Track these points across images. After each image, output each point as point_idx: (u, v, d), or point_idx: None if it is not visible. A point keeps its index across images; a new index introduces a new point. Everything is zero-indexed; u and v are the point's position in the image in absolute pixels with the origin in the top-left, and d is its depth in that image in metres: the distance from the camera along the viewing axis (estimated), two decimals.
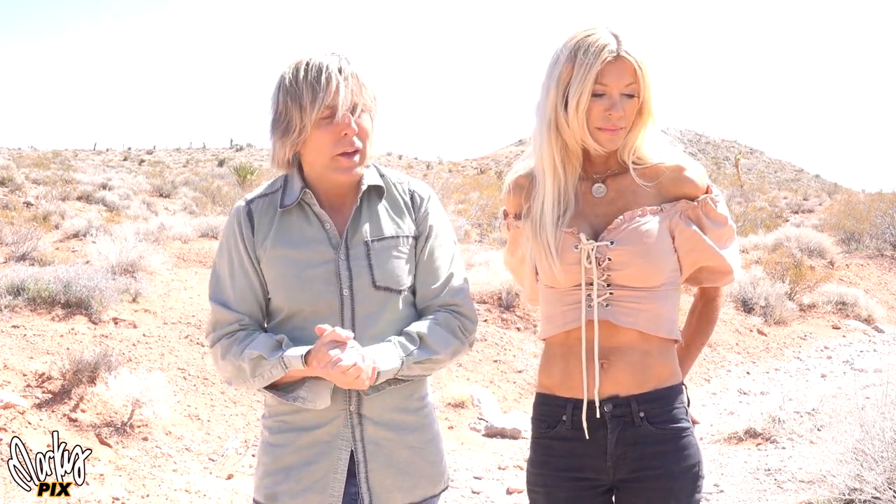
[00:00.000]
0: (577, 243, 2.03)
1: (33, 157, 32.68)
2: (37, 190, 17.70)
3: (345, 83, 1.99)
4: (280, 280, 2.06)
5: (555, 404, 2.09)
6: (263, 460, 2.12)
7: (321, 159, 2.04)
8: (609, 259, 2.01)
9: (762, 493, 5.08)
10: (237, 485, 5.23)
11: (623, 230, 2.02)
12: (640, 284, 2.03)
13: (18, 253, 10.14)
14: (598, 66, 1.94)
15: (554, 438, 2.08)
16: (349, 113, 2.00)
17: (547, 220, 2.05)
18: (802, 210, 27.93)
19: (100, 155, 59.47)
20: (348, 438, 2.06)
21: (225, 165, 44.43)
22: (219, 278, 2.13)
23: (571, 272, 2.03)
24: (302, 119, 1.99)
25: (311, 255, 2.06)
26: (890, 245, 15.66)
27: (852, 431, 4.31)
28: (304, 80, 1.99)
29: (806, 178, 62.73)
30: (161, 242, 11.24)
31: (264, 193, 2.15)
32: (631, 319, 2.02)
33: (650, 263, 2.02)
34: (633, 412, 2.01)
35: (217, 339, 2.09)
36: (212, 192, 21.67)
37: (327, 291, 2.05)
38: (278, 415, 2.10)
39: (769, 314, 10.96)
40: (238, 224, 2.11)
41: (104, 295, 7.15)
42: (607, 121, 1.98)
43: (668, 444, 2.03)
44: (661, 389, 2.04)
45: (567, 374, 2.06)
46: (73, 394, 5.63)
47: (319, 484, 2.04)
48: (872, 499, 3.94)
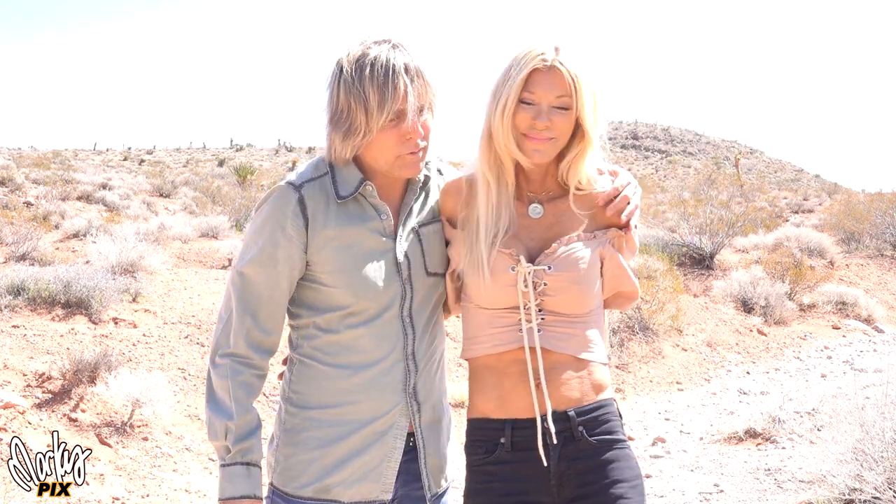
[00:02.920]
0: (513, 265, 1.99)
1: (33, 157, 32.69)
2: (37, 190, 17.70)
3: (412, 85, 1.91)
4: (345, 275, 1.99)
5: (491, 428, 2.02)
6: (308, 455, 2.02)
7: (385, 157, 1.98)
8: (545, 284, 1.99)
9: (762, 493, 5.09)
10: None
11: (560, 256, 2.01)
12: (570, 311, 2.01)
13: (18, 253, 10.14)
14: (527, 71, 1.92)
15: (494, 464, 2.01)
16: (416, 115, 1.94)
17: (482, 237, 2.00)
18: (802, 210, 27.95)
19: (100, 155, 59.52)
20: (404, 426, 2.04)
21: (225, 165, 44.46)
22: (253, 274, 1.99)
23: (507, 294, 1.99)
24: (368, 123, 1.91)
25: (372, 245, 2.02)
26: (890, 245, 15.65)
27: (852, 431, 4.31)
28: (369, 79, 1.90)
29: (806, 178, 62.77)
30: (161, 242, 11.25)
31: (312, 177, 2.02)
32: (563, 344, 2.01)
33: (582, 291, 2.01)
34: (573, 426, 1.98)
35: (227, 356, 1.99)
36: (212, 192, 21.67)
37: (391, 282, 2.02)
38: (326, 407, 2.02)
39: (769, 314, 10.97)
40: (289, 211, 1.97)
41: (104, 295, 7.16)
42: (532, 129, 1.94)
43: (609, 456, 2.00)
44: (597, 403, 2.03)
45: (503, 396, 2.01)
46: (73, 394, 5.63)
47: (374, 472, 2.02)
48: (872, 499, 3.94)
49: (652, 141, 75.25)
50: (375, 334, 2.01)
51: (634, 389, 8.23)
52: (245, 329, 1.98)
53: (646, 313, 9.23)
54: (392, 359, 2.03)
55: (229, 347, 1.99)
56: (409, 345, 2.04)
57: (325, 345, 2.02)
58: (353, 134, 1.94)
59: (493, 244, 2.00)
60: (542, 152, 1.97)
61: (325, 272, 1.99)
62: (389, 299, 2.02)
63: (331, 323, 2.01)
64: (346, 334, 2.00)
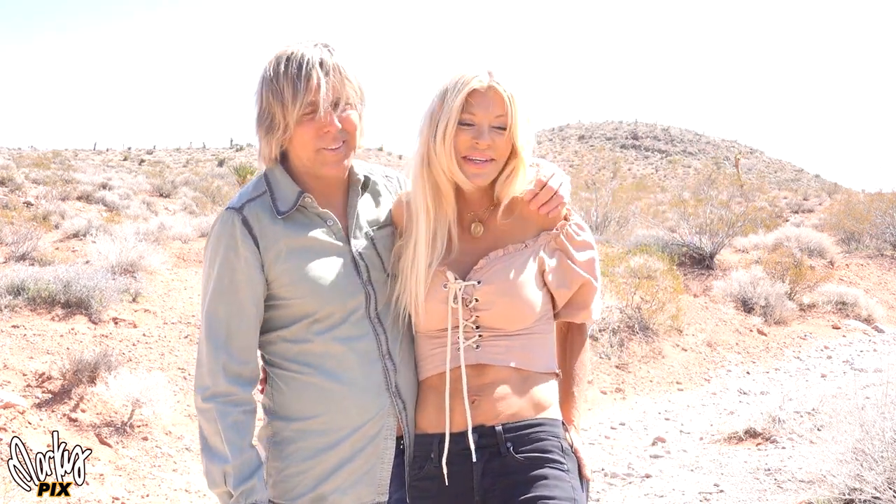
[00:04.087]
0: (445, 282, 2.00)
1: (33, 157, 32.67)
2: (37, 190, 17.70)
3: (326, 78, 1.92)
4: (306, 285, 1.98)
5: (424, 443, 2.04)
6: (299, 467, 2.00)
7: (306, 153, 1.99)
8: (476, 300, 1.99)
9: (762, 493, 5.08)
10: None
11: (488, 269, 2.01)
12: (506, 325, 2.00)
13: (18, 253, 10.14)
14: (465, 92, 1.94)
15: (424, 479, 2.02)
16: (331, 109, 1.95)
17: (420, 261, 2.00)
18: (802, 210, 27.94)
19: (100, 155, 59.48)
20: (393, 426, 2.04)
21: (225, 165, 44.43)
22: (216, 306, 1.96)
23: (439, 313, 1.99)
24: (285, 117, 1.94)
25: (327, 249, 2.02)
26: (890, 245, 15.65)
27: (852, 431, 4.31)
28: (284, 74, 1.93)
29: (806, 178, 62.74)
30: (161, 242, 11.24)
31: (252, 198, 2.02)
32: (503, 357, 2.00)
33: (515, 303, 1.98)
34: (500, 442, 1.96)
35: (211, 399, 1.95)
36: (212, 192, 21.68)
37: (352, 283, 2.02)
38: (312, 417, 2.00)
39: (769, 314, 10.97)
40: (237, 235, 1.97)
41: (104, 295, 7.15)
42: (474, 149, 1.96)
43: (538, 473, 1.93)
44: (532, 420, 1.99)
45: (438, 412, 2.01)
46: (73, 394, 5.63)
47: (368, 475, 2.02)
48: (872, 499, 3.94)
49: (652, 141, 75.22)
50: (346, 338, 2.00)
51: (634, 389, 8.22)
52: (221, 364, 1.95)
53: (646, 313, 9.23)
54: (369, 359, 2.02)
55: (210, 388, 1.95)
56: (382, 343, 2.04)
57: (297, 355, 2.01)
58: (274, 129, 1.97)
59: (429, 271, 2.00)
60: (482, 175, 1.99)
61: (285, 285, 1.98)
62: (355, 303, 2.02)
63: (298, 334, 2.01)
64: (317, 342, 2.00)
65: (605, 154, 50.94)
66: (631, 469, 5.78)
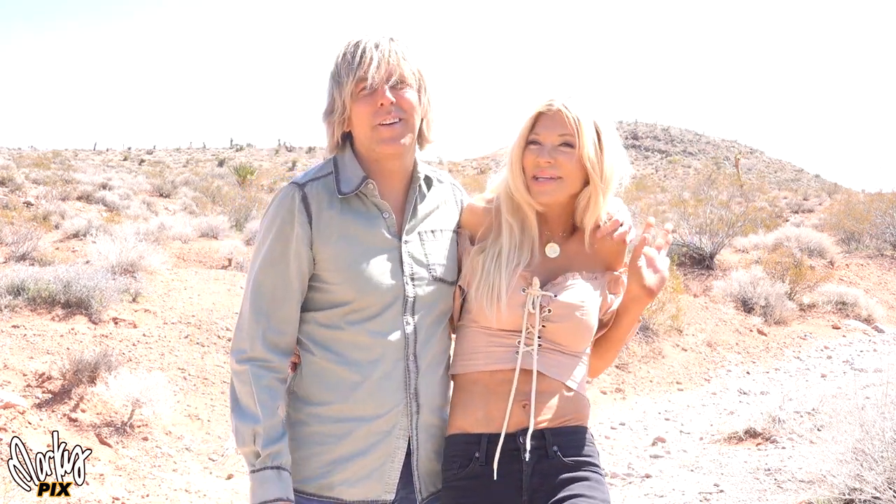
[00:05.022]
0: (524, 287, 2.07)
1: (33, 157, 32.70)
2: (37, 190, 17.71)
3: (379, 54, 1.97)
4: (348, 272, 2.01)
5: (468, 442, 2.07)
6: (310, 451, 2.03)
7: (363, 131, 2.02)
8: (549, 311, 2.06)
9: (762, 493, 5.08)
10: (237, 485, 5.23)
11: (566, 286, 2.09)
12: (567, 343, 2.09)
13: (18, 253, 10.15)
14: (533, 114, 2.09)
15: (467, 478, 2.05)
16: (384, 83, 1.97)
17: (503, 264, 2.08)
18: (802, 210, 27.93)
19: (100, 155, 59.50)
20: (406, 426, 2.05)
21: (225, 165, 44.43)
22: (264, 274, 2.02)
23: (513, 315, 2.06)
24: (341, 95, 2.00)
25: (375, 243, 2.04)
26: (890, 245, 15.65)
27: (852, 431, 4.31)
28: (342, 59, 2.00)
29: (806, 178, 62.71)
30: (161, 242, 11.25)
31: (316, 177, 2.07)
32: (557, 371, 2.08)
33: (583, 324, 2.08)
34: (548, 445, 2.05)
35: (247, 361, 1.99)
36: (212, 192, 21.69)
37: (393, 279, 2.03)
38: (327, 403, 2.03)
39: (769, 314, 10.97)
40: (294, 210, 2.01)
41: (104, 295, 7.16)
42: (537, 168, 2.04)
43: (581, 474, 2.05)
44: (574, 426, 2.10)
45: (487, 412, 2.07)
46: (73, 394, 5.63)
47: (377, 472, 2.03)
48: (872, 499, 3.94)
49: (652, 141, 75.21)
50: (377, 332, 2.02)
51: (634, 389, 8.23)
52: (261, 331, 1.99)
53: (646, 313, 9.23)
54: (392, 358, 2.03)
55: (246, 352, 1.99)
56: (409, 345, 2.05)
57: (326, 340, 2.04)
58: (333, 112, 2.03)
59: (514, 273, 2.08)
60: (547, 193, 2.06)
61: (330, 269, 2.01)
62: (392, 297, 2.03)
63: (331, 319, 2.03)
64: (347, 331, 2.02)
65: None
66: (631, 469, 5.78)
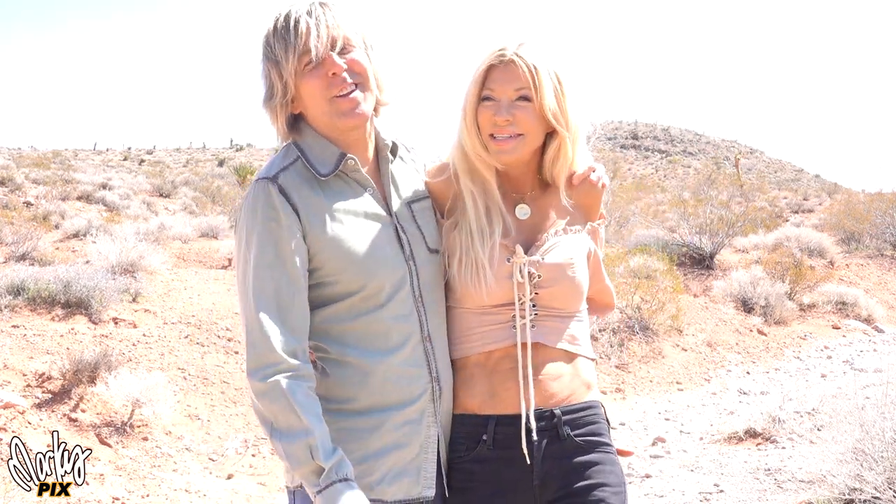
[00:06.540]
0: (509, 256, 1.93)
1: (33, 157, 32.70)
2: (37, 190, 17.72)
3: (315, 22, 1.78)
4: (351, 256, 1.84)
5: (474, 423, 1.95)
6: (342, 448, 1.79)
7: (320, 108, 1.84)
8: (539, 276, 1.93)
9: (762, 493, 5.08)
10: (237, 485, 5.23)
11: (550, 247, 1.96)
12: (563, 305, 1.97)
13: (18, 253, 10.15)
14: (484, 68, 1.88)
15: (474, 461, 1.94)
16: (330, 51, 1.80)
17: (476, 240, 1.93)
18: (802, 210, 27.96)
19: (100, 155, 59.51)
20: (433, 413, 1.91)
21: (225, 165, 44.45)
22: (263, 283, 1.79)
23: (502, 288, 1.92)
24: (282, 76, 1.81)
25: (372, 223, 1.89)
26: (890, 245, 15.65)
27: (852, 431, 4.31)
28: (273, 35, 1.81)
29: (806, 178, 62.72)
30: (161, 242, 11.25)
31: (283, 166, 1.86)
32: (556, 338, 1.96)
33: (574, 282, 1.96)
34: (559, 425, 1.93)
35: (274, 374, 1.75)
36: (212, 192, 21.71)
37: (396, 260, 1.89)
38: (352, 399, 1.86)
39: (769, 314, 10.97)
40: (275, 204, 1.80)
41: (104, 295, 7.15)
42: (495, 126, 1.88)
43: (594, 458, 1.96)
44: (585, 403, 1.98)
45: (491, 392, 1.94)
46: (73, 394, 5.63)
47: (413, 465, 1.89)
48: (872, 499, 3.94)
49: (652, 141, 75.20)
50: (392, 317, 1.88)
51: (634, 389, 8.22)
52: (279, 340, 1.77)
53: (646, 313, 9.24)
54: (413, 341, 1.90)
55: (271, 367, 1.76)
56: (424, 325, 1.92)
57: (341, 336, 1.88)
58: (274, 95, 1.84)
59: (492, 243, 1.94)
60: (507, 152, 1.91)
61: (330, 258, 1.84)
62: (401, 276, 1.89)
63: (341, 312, 1.87)
64: (361, 321, 1.87)
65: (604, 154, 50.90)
66: (631, 469, 5.78)
